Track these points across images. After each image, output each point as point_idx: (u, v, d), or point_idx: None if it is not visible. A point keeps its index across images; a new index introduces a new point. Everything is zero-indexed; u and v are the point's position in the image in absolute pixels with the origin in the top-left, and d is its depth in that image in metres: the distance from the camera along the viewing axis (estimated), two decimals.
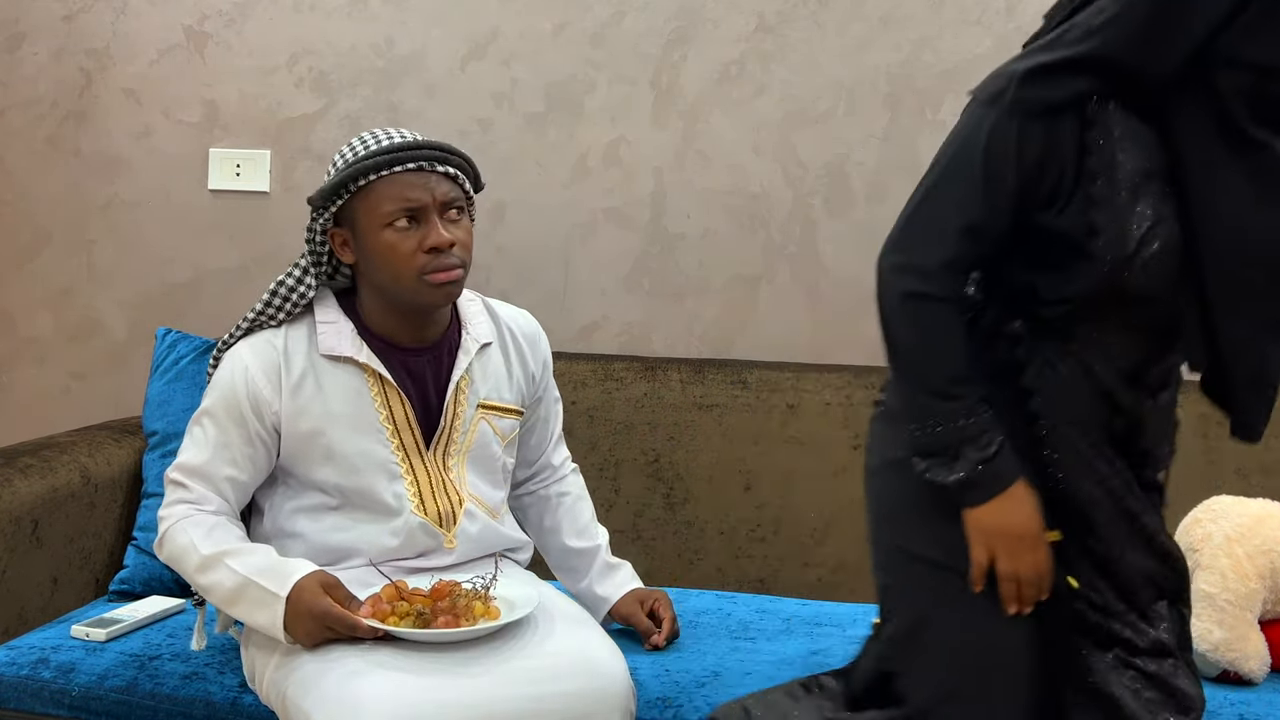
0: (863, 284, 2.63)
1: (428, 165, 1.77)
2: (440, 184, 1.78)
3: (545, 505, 2.07)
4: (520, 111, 2.71)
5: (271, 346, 1.81)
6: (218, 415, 1.80)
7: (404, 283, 1.76)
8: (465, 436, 1.87)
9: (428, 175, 1.77)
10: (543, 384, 2.01)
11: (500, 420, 1.91)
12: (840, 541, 2.42)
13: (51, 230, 2.88)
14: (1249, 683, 1.90)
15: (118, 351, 2.87)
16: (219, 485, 1.80)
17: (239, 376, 1.79)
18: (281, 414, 1.79)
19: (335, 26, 2.76)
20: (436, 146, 1.78)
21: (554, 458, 2.08)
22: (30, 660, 1.91)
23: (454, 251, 1.77)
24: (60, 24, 2.85)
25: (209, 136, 2.82)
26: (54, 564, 2.16)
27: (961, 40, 2.58)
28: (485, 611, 1.68)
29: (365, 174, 1.75)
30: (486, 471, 1.91)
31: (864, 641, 1.77)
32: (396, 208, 1.75)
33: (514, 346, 1.95)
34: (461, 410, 1.86)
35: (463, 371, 1.86)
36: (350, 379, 1.81)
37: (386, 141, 1.79)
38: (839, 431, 2.43)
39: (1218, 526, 1.97)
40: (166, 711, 1.84)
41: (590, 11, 2.68)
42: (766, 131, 2.64)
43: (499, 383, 1.92)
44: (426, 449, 1.84)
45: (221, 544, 1.74)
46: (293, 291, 1.84)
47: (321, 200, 1.79)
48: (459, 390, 1.86)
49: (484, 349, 1.91)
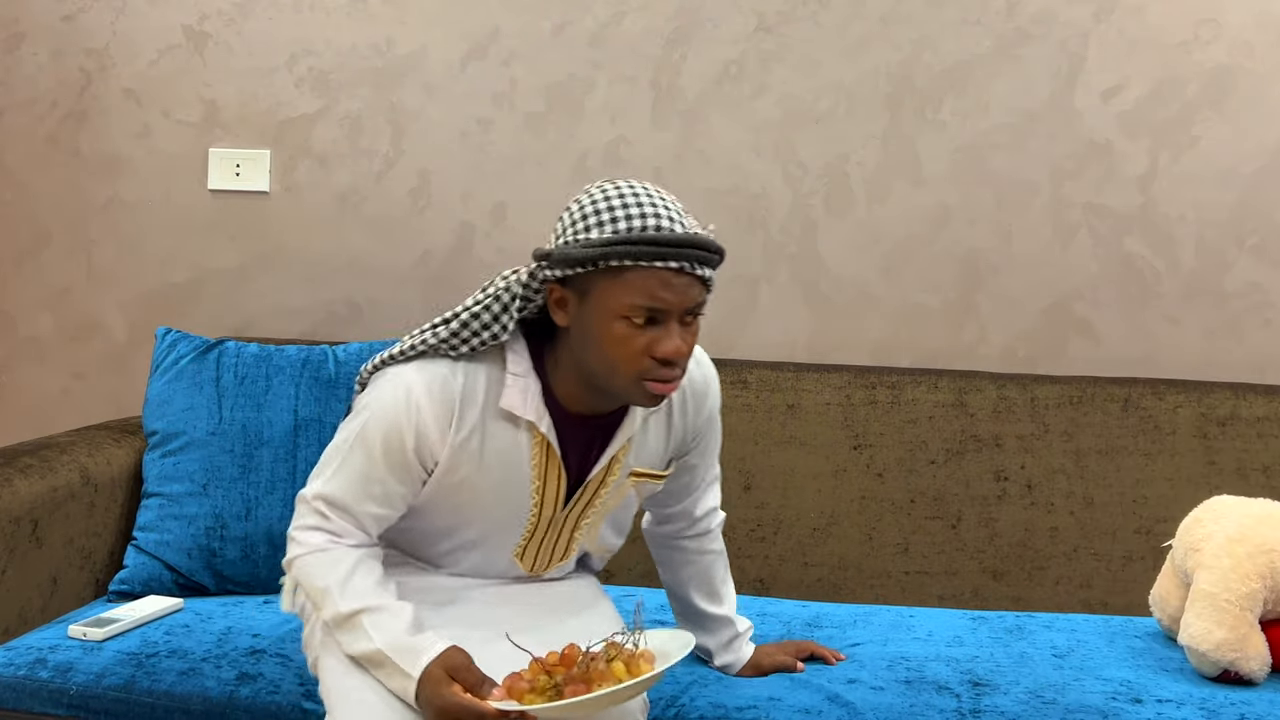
0: (863, 284, 2.64)
1: (689, 267, 1.55)
2: (693, 288, 1.56)
3: (683, 557, 1.93)
4: (520, 111, 2.71)
5: (449, 391, 1.64)
6: (373, 448, 1.64)
7: (618, 380, 1.58)
8: (608, 501, 1.77)
9: (686, 278, 1.56)
10: (702, 436, 1.83)
11: (646, 485, 1.79)
12: (840, 541, 2.41)
13: (51, 230, 2.88)
14: (1250, 683, 1.90)
15: (118, 351, 2.87)
16: (361, 520, 1.67)
17: (408, 415, 1.63)
18: (441, 463, 1.66)
19: (335, 26, 2.76)
20: (701, 246, 1.56)
21: (697, 507, 1.89)
22: (28, 660, 1.91)
23: (680, 362, 1.58)
24: (60, 24, 2.85)
25: (209, 136, 2.82)
26: (54, 564, 2.16)
27: (961, 40, 2.58)
28: (627, 671, 1.52)
29: (623, 258, 1.54)
30: (619, 525, 1.86)
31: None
32: (641, 303, 1.54)
33: (679, 406, 1.77)
34: (612, 478, 1.74)
35: (621, 444, 1.71)
36: (516, 439, 1.68)
37: (653, 223, 1.56)
38: (839, 431, 2.43)
39: (1219, 526, 1.97)
40: (164, 708, 1.84)
41: (590, 11, 2.68)
42: (766, 131, 2.64)
43: (655, 451, 1.77)
44: (562, 508, 1.75)
45: (360, 599, 1.62)
46: (485, 329, 1.65)
47: (563, 263, 1.57)
48: (614, 460, 1.73)
49: (648, 416, 1.75)
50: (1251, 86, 2.52)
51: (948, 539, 2.40)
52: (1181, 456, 2.38)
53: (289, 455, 2.27)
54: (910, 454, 2.42)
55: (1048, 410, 2.41)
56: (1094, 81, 2.55)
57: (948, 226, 2.61)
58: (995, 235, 2.60)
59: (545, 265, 1.60)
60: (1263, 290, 2.54)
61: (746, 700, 1.83)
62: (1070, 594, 2.36)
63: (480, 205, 2.73)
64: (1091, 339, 2.58)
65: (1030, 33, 2.57)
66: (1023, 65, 2.57)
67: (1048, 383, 2.44)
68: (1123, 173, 2.56)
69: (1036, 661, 2.00)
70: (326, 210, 2.79)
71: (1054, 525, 2.38)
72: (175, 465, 2.28)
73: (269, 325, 2.81)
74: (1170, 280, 2.56)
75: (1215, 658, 1.88)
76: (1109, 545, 2.36)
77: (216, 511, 2.24)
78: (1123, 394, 2.41)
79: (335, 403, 2.31)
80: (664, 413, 1.76)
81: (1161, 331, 2.56)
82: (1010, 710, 1.80)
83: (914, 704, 1.82)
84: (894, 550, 2.41)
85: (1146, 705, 1.82)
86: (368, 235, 2.78)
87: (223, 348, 2.36)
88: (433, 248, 2.75)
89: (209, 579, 2.23)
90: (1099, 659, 2.01)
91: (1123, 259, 2.57)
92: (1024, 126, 2.58)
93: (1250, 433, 2.37)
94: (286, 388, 2.32)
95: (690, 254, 1.54)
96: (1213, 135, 2.53)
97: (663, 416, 1.77)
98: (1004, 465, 2.40)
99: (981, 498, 2.40)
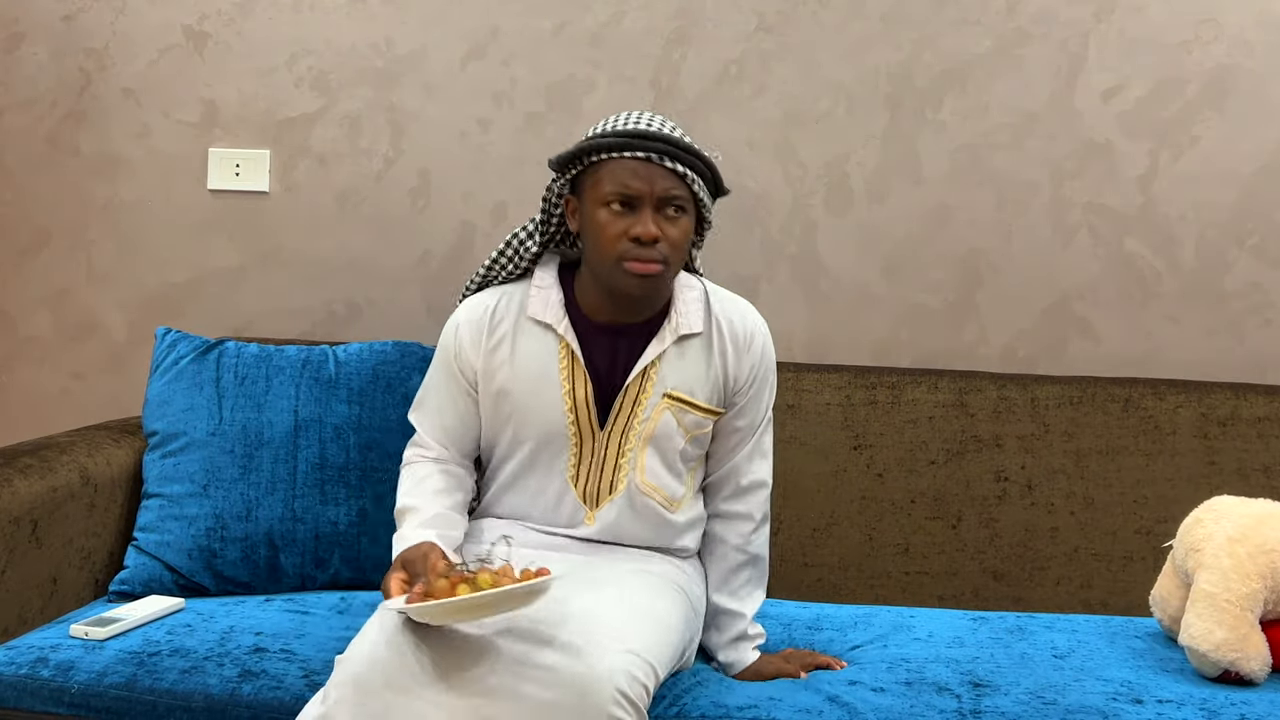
0: (863, 284, 2.64)
1: (655, 158, 1.80)
2: (663, 179, 1.81)
3: (722, 550, 2.00)
4: (520, 111, 2.71)
5: (483, 306, 1.94)
6: (435, 370, 1.99)
7: (604, 264, 1.83)
8: (646, 424, 1.90)
9: (653, 167, 1.80)
10: (747, 391, 1.95)
11: (687, 415, 1.91)
12: (840, 542, 2.41)
13: (51, 230, 2.88)
14: (1250, 683, 1.90)
15: (117, 351, 2.87)
16: (435, 432, 1.98)
17: (450, 333, 1.96)
18: (479, 372, 1.93)
19: (335, 26, 2.76)
20: (670, 141, 1.81)
21: (742, 474, 1.98)
22: (29, 660, 1.91)
23: (658, 247, 1.80)
24: (60, 24, 2.84)
25: (208, 136, 2.81)
26: (54, 564, 2.16)
27: (961, 40, 2.58)
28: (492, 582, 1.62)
29: (597, 151, 1.82)
30: (669, 461, 1.93)
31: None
32: (614, 190, 1.80)
33: (718, 344, 1.93)
34: (646, 397, 1.89)
35: (652, 359, 1.89)
36: (546, 346, 1.90)
37: (631, 126, 1.83)
38: (839, 431, 2.43)
39: (1219, 527, 1.97)
40: (166, 706, 1.84)
41: (590, 11, 2.68)
42: (766, 131, 2.64)
43: (693, 377, 1.91)
44: (601, 428, 1.90)
45: (406, 499, 1.92)
46: (522, 245, 1.96)
47: (558, 165, 1.86)
48: (646, 377, 1.89)
49: (686, 339, 1.91)
50: (1251, 86, 2.52)
51: (948, 539, 2.40)
52: (1182, 456, 2.38)
53: (289, 456, 2.27)
54: (910, 454, 2.42)
55: (1048, 410, 2.41)
56: (1094, 81, 2.55)
57: (948, 226, 2.61)
58: (995, 235, 2.60)
59: (555, 172, 1.88)
60: (1263, 290, 2.54)
61: (747, 700, 1.82)
62: (1071, 594, 2.36)
63: (480, 205, 2.73)
64: (1091, 339, 2.58)
65: (1030, 33, 2.57)
66: (1023, 65, 2.57)
67: (1048, 383, 2.44)
68: (1123, 173, 2.56)
69: (1037, 662, 2.00)
70: (326, 210, 2.79)
71: (1054, 525, 2.38)
72: (175, 466, 2.28)
73: (269, 325, 2.81)
74: (1170, 280, 2.56)
75: (1216, 658, 1.88)
76: (1109, 545, 2.36)
77: (217, 512, 2.23)
78: (1123, 394, 2.41)
79: (335, 403, 2.31)
80: (702, 343, 1.92)
81: (1161, 331, 2.56)
82: (1011, 711, 1.80)
83: (914, 705, 1.82)
84: (894, 551, 2.41)
85: (1147, 706, 1.82)
86: (368, 235, 2.77)
87: (223, 348, 2.36)
88: (433, 248, 2.75)
89: (209, 580, 2.23)
90: (1099, 659, 2.01)
91: (1123, 259, 2.57)
92: (1024, 126, 2.58)
93: (1250, 433, 2.37)
94: (287, 388, 2.32)
95: (655, 146, 1.80)
96: (1213, 135, 2.53)
97: (700, 345, 1.92)
98: (1004, 465, 2.40)
99: (982, 498, 2.40)
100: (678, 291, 1.93)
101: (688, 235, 1.84)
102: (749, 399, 1.96)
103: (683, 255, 1.85)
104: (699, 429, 1.93)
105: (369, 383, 2.32)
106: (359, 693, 1.61)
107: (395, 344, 2.38)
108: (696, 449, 1.96)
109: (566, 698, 1.59)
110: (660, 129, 1.83)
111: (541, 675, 1.61)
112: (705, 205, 1.87)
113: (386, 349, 2.37)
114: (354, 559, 2.28)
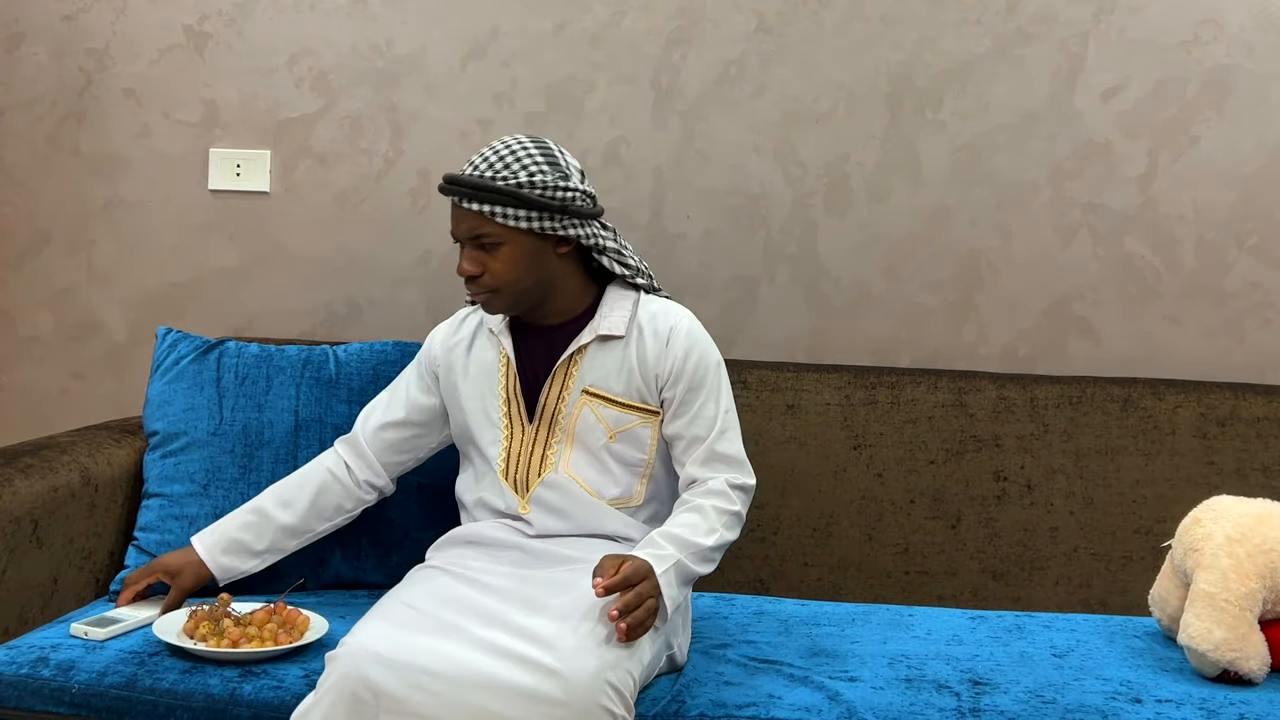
0: (863, 284, 2.64)
1: (458, 201, 1.93)
2: (466, 220, 1.93)
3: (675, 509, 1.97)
4: (520, 111, 2.71)
5: (462, 314, 2.14)
6: (410, 365, 2.17)
7: None
8: (569, 419, 1.99)
9: (459, 210, 1.94)
10: (675, 385, 1.97)
11: (606, 410, 1.98)
12: (840, 541, 2.42)
13: (51, 230, 2.88)
14: (1249, 683, 1.90)
15: (118, 351, 2.87)
16: (365, 423, 2.14)
17: (428, 343, 2.14)
18: (440, 366, 2.09)
19: (335, 26, 2.76)
20: (464, 183, 1.91)
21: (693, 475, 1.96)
22: (30, 659, 1.91)
23: (480, 280, 1.94)
24: (60, 24, 2.85)
25: (209, 136, 2.82)
26: (54, 564, 2.16)
27: (961, 40, 2.58)
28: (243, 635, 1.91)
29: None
30: (592, 458, 1.99)
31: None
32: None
33: (637, 343, 2.00)
34: (568, 393, 1.99)
35: (568, 355, 1.99)
36: (493, 347, 2.06)
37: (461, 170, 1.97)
38: (839, 431, 2.44)
39: (1218, 526, 1.97)
40: (166, 705, 1.84)
41: (590, 11, 2.68)
42: (766, 131, 2.64)
43: (611, 373, 1.99)
44: (530, 422, 2.00)
45: (262, 499, 2.13)
46: None
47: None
48: (568, 374, 1.99)
49: (609, 340, 2.00)
50: (1251, 86, 2.52)
51: (948, 539, 2.40)
52: (1181, 456, 2.38)
53: (289, 456, 2.27)
54: (910, 454, 2.42)
55: (1048, 410, 2.41)
56: (1094, 81, 2.56)
57: (948, 226, 2.61)
58: (995, 235, 2.60)
59: None
60: (1263, 290, 2.54)
61: (746, 698, 1.83)
62: (1070, 594, 2.36)
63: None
64: (1091, 339, 2.59)
65: (1030, 33, 2.57)
66: (1023, 65, 2.57)
67: (1048, 383, 2.44)
68: (1123, 173, 2.56)
69: (1036, 661, 2.00)
70: (326, 210, 2.79)
71: (1054, 525, 2.38)
72: (176, 466, 2.28)
73: (269, 325, 2.81)
74: (1170, 280, 2.56)
75: (1215, 658, 1.88)
76: (1109, 545, 2.37)
77: (217, 512, 2.23)
78: (1123, 394, 2.41)
79: (336, 403, 2.31)
80: (623, 343, 1.99)
81: (1161, 331, 2.57)
82: (1010, 709, 1.81)
83: (914, 703, 1.82)
84: (894, 550, 2.41)
85: (1146, 705, 1.83)
86: (368, 235, 2.78)
87: (223, 348, 2.36)
88: (433, 248, 2.75)
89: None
90: (1099, 658, 2.01)
91: (1123, 259, 2.57)
92: (1024, 126, 2.58)
93: (1250, 433, 2.37)
94: (287, 388, 2.32)
95: (455, 190, 1.92)
96: (1213, 135, 2.53)
97: (620, 345, 1.99)
98: (1004, 465, 2.41)
99: (981, 498, 2.40)
100: (607, 298, 2.02)
101: (513, 262, 1.92)
102: (684, 395, 1.97)
103: (519, 276, 1.93)
104: (622, 425, 1.98)
105: (369, 383, 2.32)
106: (351, 688, 1.66)
107: (395, 344, 2.38)
108: (634, 451, 1.99)
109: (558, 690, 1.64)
110: (468, 170, 1.94)
111: (534, 668, 1.65)
112: (536, 229, 1.92)
113: (387, 349, 2.37)
114: (354, 558, 2.28)
